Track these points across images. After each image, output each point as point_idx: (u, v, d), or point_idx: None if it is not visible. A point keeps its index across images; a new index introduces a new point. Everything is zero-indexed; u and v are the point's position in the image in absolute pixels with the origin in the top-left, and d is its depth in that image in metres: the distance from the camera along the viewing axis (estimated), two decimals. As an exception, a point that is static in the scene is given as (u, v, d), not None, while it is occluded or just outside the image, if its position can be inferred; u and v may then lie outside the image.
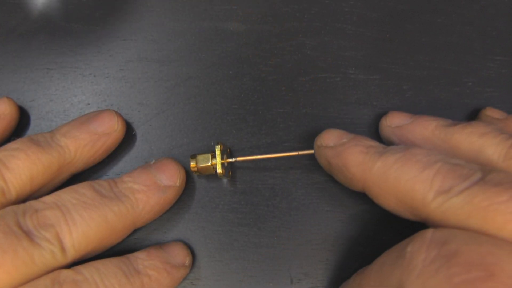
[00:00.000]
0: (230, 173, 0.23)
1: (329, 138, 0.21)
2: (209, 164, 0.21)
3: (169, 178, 0.21)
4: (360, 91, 0.24)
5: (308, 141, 0.24)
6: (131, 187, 0.20)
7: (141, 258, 0.19)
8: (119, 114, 0.22)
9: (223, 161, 0.21)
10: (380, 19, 0.25)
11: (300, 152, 0.21)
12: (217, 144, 0.21)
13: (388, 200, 0.18)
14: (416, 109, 0.24)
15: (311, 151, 0.21)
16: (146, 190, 0.20)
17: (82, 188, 0.19)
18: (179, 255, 0.21)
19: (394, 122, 0.22)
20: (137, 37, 0.25)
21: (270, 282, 0.22)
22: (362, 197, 0.23)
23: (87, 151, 0.21)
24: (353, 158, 0.19)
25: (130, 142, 0.23)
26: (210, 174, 0.22)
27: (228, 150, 0.23)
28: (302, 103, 0.24)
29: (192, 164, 0.22)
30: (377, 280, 0.16)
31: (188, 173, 0.23)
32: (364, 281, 0.17)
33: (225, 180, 0.23)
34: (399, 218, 0.23)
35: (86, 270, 0.18)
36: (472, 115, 0.24)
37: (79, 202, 0.18)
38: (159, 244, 0.21)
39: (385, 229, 0.23)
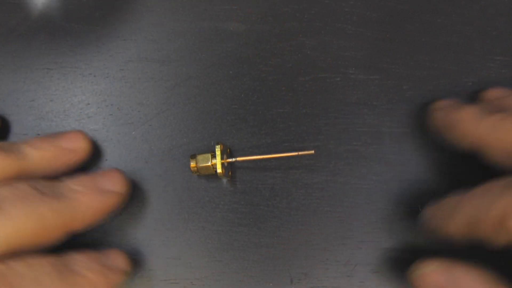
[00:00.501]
0: (230, 173, 0.23)
1: (445, 102, 0.23)
2: (209, 164, 0.21)
3: (113, 184, 0.20)
4: (360, 91, 0.24)
5: (308, 141, 0.24)
6: (71, 188, 0.19)
7: (78, 259, 0.19)
8: (86, 135, 0.22)
9: (223, 161, 0.21)
10: (380, 19, 0.25)
11: (300, 152, 0.21)
12: (217, 144, 0.21)
13: (499, 152, 0.19)
14: (416, 109, 0.24)
15: (311, 151, 0.21)
16: (87, 192, 0.19)
17: (19, 183, 0.19)
18: (118, 259, 0.20)
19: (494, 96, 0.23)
20: (137, 37, 0.25)
21: (270, 282, 0.22)
22: (362, 197, 0.23)
23: (51, 162, 0.20)
24: (467, 113, 0.20)
25: (130, 142, 0.24)
26: (210, 174, 0.22)
27: (228, 150, 0.23)
28: (302, 103, 0.24)
29: (192, 164, 0.22)
30: (476, 206, 0.17)
31: (187, 173, 0.23)
32: (461, 205, 0.18)
33: (225, 180, 0.23)
34: (400, 219, 0.23)
35: (17, 264, 0.17)
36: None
37: (14, 195, 0.18)
38: (98, 250, 0.21)
39: (386, 228, 0.23)
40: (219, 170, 0.21)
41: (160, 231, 0.23)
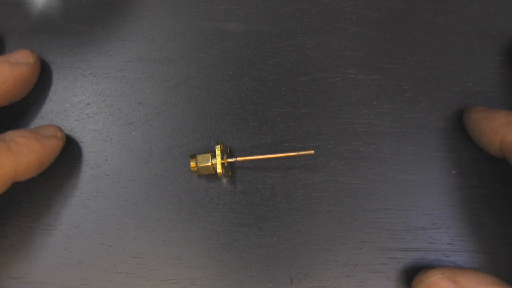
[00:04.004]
0: (230, 173, 0.23)
1: (477, 108, 0.23)
2: (209, 164, 0.21)
3: (22, 57, 0.22)
4: (360, 91, 0.24)
5: (308, 141, 0.24)
6: None
7: (8, 133, 0.21)
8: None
9: (223, 161, 0.21)
10: (380, 19, 0.25)
11: (300, 152, 0.21)
12: (217, 144, 0.21)
13: None
14: (416, 109, 0.24)
15: (311, 151, 0.21)
16: None
17: None
18: (49, 129, 0.22)
19: None
20: (137, 37, 0.25)
21: (270, 282, 0.22)
22: (362, 197, 0.23)
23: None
24: (497, 119, 0.21)
25: (130, 142, 0.24)
26: (210, 174, 0.22)
27: (228, 150, 0.23)
28: (302, 103, 0.24)
29: (192, 164, 0.22)
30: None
31: (187, 173, 0.23)
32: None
33: (225, 180, 0.23)
34: (397, 220, 0.23)
35: None
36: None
37: None
38: None
39: (386, 228, 0.23)
40: (219, 170, 0.21)
41: (160, 231, 0.23)
